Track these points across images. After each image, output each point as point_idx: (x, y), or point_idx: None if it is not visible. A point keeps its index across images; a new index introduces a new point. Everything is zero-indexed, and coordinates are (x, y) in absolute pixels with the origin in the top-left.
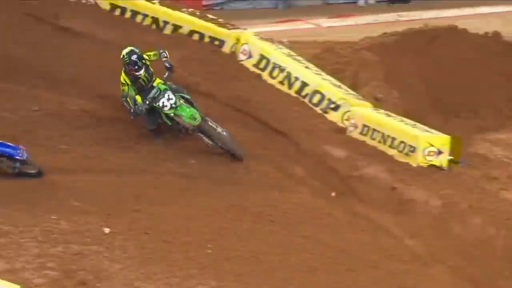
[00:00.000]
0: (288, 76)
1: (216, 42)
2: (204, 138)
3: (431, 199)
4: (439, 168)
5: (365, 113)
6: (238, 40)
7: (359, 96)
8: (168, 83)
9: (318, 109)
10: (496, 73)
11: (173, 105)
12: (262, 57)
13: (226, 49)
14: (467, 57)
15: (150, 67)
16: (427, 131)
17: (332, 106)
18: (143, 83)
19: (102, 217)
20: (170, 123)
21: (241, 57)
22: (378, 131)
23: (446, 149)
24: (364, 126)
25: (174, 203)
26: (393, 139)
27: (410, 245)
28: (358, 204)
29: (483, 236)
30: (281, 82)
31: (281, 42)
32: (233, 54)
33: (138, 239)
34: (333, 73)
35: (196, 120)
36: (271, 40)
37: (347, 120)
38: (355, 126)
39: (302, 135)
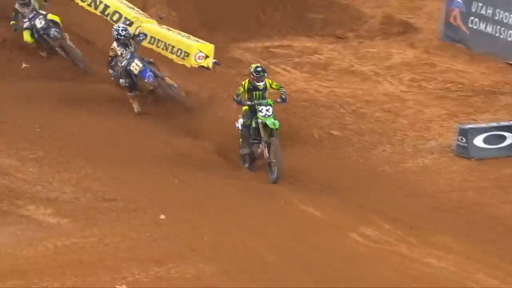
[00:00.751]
0: (94, 0)
1: None
2: (266, 151)
3: (201, 91)
4: (206, 68)
5: (152, 28)
6: None
7: (147, 15)
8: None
9: None
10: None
11: (266, 115)
12: None
13: None
14: None
15: (267, 90)
16: (197, 41)
17: (127, 22)
18: (256, 94)
19: None
20: (254, 126)
21: None
22: (162, 41)
23: (211, 54)
24: (152, 37)
25: (11, 97)
26: (173, 47)
27: (183, 123)
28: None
29: (235, 118)
30: (89, 5)
31: None
32: None
33: None
34: None
35: (275, 125)
36: None
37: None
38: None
39: (106, 43)
